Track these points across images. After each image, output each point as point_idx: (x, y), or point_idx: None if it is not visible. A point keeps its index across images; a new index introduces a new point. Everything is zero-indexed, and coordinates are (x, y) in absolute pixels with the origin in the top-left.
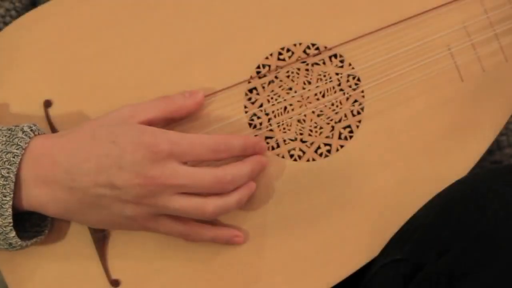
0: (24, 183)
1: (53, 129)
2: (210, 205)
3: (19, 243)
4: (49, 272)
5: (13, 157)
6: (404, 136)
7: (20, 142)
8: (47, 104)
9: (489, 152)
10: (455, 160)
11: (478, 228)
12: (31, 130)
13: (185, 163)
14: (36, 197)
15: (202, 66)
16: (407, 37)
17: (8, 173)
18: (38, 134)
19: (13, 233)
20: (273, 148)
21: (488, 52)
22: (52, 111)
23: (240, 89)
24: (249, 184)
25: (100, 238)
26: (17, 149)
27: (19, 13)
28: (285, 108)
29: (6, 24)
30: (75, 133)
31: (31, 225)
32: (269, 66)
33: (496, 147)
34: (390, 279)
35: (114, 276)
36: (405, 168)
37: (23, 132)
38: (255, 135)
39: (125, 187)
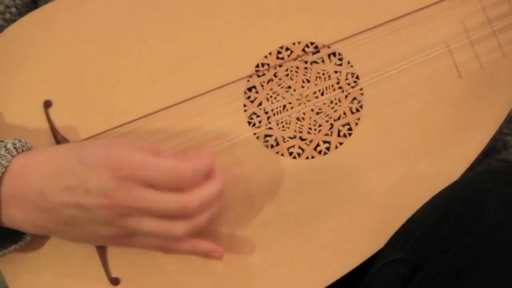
0: (3, 201)
1: (53, 130)
2: (180, 228)
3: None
4: (50, 270)
5: None
6: (403, 133)
7: (2, 160)
8: (47, 104)
9: (496, 150)
10: (454, 156)
11: (478, 228)
12: (14, 147)
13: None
14: (13, 216)
15: (202, 65)
16: (405, 35)
17: None
18: (22, 150)
19: None
20: (272, 146)
21: (487, 49)
22: (52, 111)
23: (239, 87)
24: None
25: None
26: None
27: (19, 10)
28: (284, 106)
29: (6, 21)
30: (52, 152)
31: (15, 232)
32: (268, 64)
33: (502, 146)
34: (390, 278)
35: (114, 274)
36: (404, 165)
37: (6, 149)
38: (254, 134)
39: (93, 209)
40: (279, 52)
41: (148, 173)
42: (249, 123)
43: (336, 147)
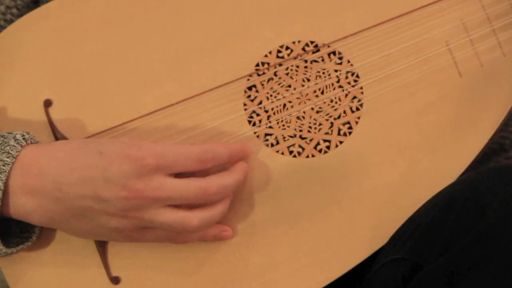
0: (12, 191)
1: (54, 129)
2: (195, 218)
3: (3, 250)
4: (50, 269)
5: (3, 165)
6: (403, 132)
7: (11, 150)
8: (47, 103)
9: (505, 149)
10: (454, 155)
11: (478, 228)
12: (24, 138)
13: (172, 174)
14: (23, 206)
15: (202, 64)
16: (405, 33)
17: None
18: (31, 142)
19: None
20: (272, 145)
21: (486, 47)
22: (52, 110)
23: (239, 86)
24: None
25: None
26: (7, 157)
27: (20, 11)
28: (284, 105)
29: (6, 21)
30: (65, 143)
31: (21, 230)
32: (268, 63)
33: (510, 144)
34: (390, 278)
35: (114, 273)
36: (404, 164)
37: (15, 140)
38: (254, 132)
39: (111, 200)
40: (279, 51)
41: (171, 159)
42: (249, 122)
43: (336, 146)
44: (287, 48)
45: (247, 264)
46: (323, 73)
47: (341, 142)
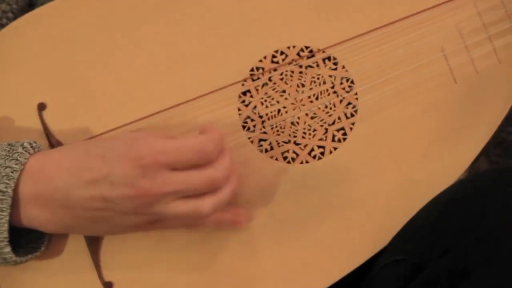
0: (23, 201)
1: (47, 132)
2: (206, 205)
3: (13, 258)
4: (43, 274)
5: (12, 172)
6: (397, 138)
7: (20, 157)
8: (41, 107)
9: None
10: (449, 162)
11: (479, 229)
12: (31, 146)
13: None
14: (36, 217)
15: (196, 69)
16: (401, 39)
17: (6, 188)
18: (38, 151)
19: (8, 249)
20: (266, 151)
21: (482, 54)
22: (46, 114)
23: (233, 91)
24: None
25: (94, 240)
26: (16, 164)
27: (16, 15)
28: (279, 110)
29: (2, 25)
30: (69, 149)
31: (27, 241)
32: (263, 68)
33: None
34: (391, 279)
35: (107, 278)
36: (399, 170)
37: (23, 147)
38: (249, 138)
39: (119, 201)
40: (274, 56)
41: (173, 155)
42: (244, 127)
43: (331, 152)
44: (282, 53)
45: (243, 270)
46: (318, 78)
47: (335, 148)
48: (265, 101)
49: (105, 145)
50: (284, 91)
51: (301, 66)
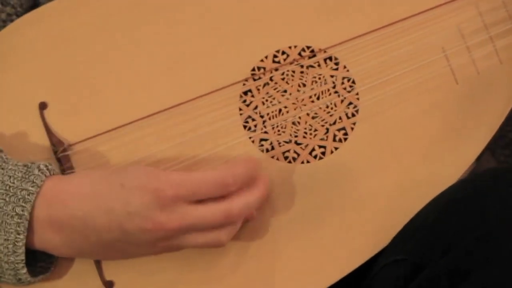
0: (38, 224)
1: (48, 131)
2: (224, 236)
3: (28, 279)
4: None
5: (28, 195)
6: (398, 138)
7: (36, 179)
8: (42, 106)
9: None
10: (450, 162)
11: (480, 229)
12: (47, 168)
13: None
14: (50, 241)
15: (197, 68)
16: (402, 40)
17: (22, 211)
18: (54, 174)
19: (24, 270)
20: (267, 150)
21: (483, 54)
22: (47, 113)
23: (235, 91)
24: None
25: None
26: (32, 187)
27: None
28: (280, 110)
29: None
30: (86, 176)
31: (36, 260)
32: (264, 68)
33: None
34: (391, 279)
35: (108, 277)
36: (400, 170)
37: (39, 170)
38: (250, 138)
39: (136, 233)
40: (275, 56)
41: (191, 188)
42: (245, 127)
43: (332, 152)
44: (283, 53)
45: (240, 269)
46: (319, 78)
47: (336, 148)
48: (266, 100)
49: (125, 174)
50: (285, 91)
51: (302, 66)
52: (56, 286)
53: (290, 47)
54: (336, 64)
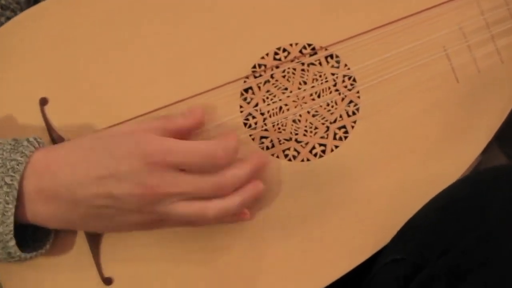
0: (28, 196)
1: (49, 127)
2: (211, 209)
3: (17, 253)
4: (42, 270)
5: (17, 165)
6: (399, 137)
7: (25, 150)
8: (43, 102)
9: None
10: (450, 162)
11: (479, 228)
12: (37, 141)
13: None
14: (40, 213)
15: (198, 65)
16: (403, 38)
17: (11, 180)
18: (43, 146)
19: (13, 242)
20: (267, 148)
21: (484, 53)
22: (48, 109)
23: (235, 88)
24: (254, 184)
25: (94, 235)
26: (21, 157)
27: None
28: (280, 108)
29: None
30: (75, 145)
31: (33, 240)
32: (265, 66)
33: None
34: (391, 279)
35: (107, 274)
36: (400, 169)
37: (29, 141)
38: (250, 135)
39: (125, 198)
40: (276, 53)
41: (181, 156)
42: (245, 124)
43: (332, 150)
44: (284, 50)
45: (240, 267)
46: (320, 76)
47: (336, 147)
48: (267, 98)
49: (113, 141)
50: (286, 89)
51: (303, 64)
52: (56, 283)
53: (291, 45)
54: (337, 62)
